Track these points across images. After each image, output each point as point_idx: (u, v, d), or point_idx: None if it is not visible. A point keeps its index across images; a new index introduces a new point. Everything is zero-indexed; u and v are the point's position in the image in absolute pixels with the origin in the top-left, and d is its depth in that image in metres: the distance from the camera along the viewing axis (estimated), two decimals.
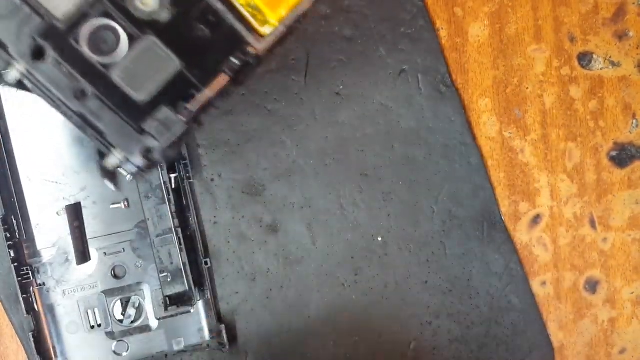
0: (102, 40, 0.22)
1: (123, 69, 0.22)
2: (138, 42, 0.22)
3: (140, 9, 0.22)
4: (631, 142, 0.38)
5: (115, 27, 0.22)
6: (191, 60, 0.22)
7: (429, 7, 0.36)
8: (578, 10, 0.37)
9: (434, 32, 0.36)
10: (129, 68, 0.22)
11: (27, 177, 0.33)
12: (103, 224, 0.33)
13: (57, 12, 0.21)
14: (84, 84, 0.22)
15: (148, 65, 0.22)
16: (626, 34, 0.37)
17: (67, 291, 0.33)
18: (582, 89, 0.37)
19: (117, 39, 0.22)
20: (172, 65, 0.22)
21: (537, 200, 0.37)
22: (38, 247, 0.33)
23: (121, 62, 0.22)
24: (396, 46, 0.36)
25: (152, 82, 0.22)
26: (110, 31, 0.22)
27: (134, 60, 0.22)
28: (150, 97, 0.22)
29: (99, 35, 0.22)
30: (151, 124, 0.22)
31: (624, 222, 0.38)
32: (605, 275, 0.38)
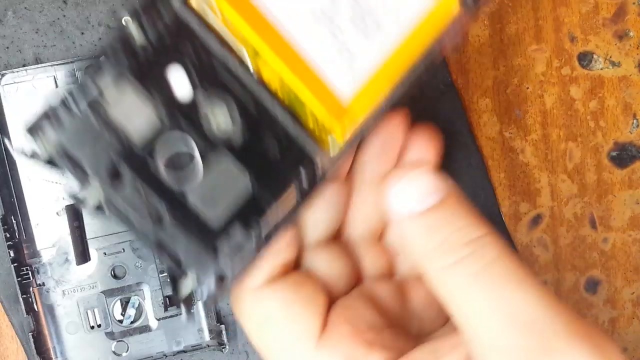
0: (178, 161, 0.21)
1: (198, 190, 0.21)
2: (212, 163, 0.22)
3: (215, 130, 0.22)
4: (631, 142, 0.38)
5: (191, 148, 0.21)
6: (262, 178, 0.22)
7: None
8: (578, 10, 0.37)
9: None
10: (203, 189, 0.21)
11: (27, 177, 0.33)
12: (103, 224, 0.33)
13: (135, 134, 0.21)
14: (160, 207, 0.21)
15: (222, 185, 0.22)
16: (626, 34, 0.37)
17: (67, 291, 0.33)
18: (582, 89, 0.37)
19: (192, 160, 0.21)
20: (245, 185, 0.22)
21: (537, 200, 0.37)
22: (38, 247, 0.33)
23: (196, 183, 0.21)
24: None
25: (226, 202, 0.22)
26: (186, 152, 0.21)
27: (208, 181, 0.21)
28: (225, 218, 0.22)
29: (175, 156, 0.21)
30: (225, 246, 0.22)
31: (625, 222, 0.38)
32: (605, 276, 0.38)
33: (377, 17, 0.23)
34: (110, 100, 0.21)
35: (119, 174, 0.21)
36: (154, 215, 0.21)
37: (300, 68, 0.22)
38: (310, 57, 0.22)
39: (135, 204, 0.21)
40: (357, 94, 0.23)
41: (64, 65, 0.33)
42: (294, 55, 0.22)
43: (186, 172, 0.21)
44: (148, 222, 0.21)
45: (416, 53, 0.23)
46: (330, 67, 0.22)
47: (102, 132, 0.21)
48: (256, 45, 0.22)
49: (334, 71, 0.22)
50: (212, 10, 0.21)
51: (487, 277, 0.21)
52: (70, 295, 0.33)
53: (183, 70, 0.21)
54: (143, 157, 0.21)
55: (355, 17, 0.22)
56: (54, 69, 0.33)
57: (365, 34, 0.23)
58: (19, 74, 0.32)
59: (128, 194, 0.21)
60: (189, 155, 0.21)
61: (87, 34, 0.34)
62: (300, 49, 0.22)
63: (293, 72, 0.22)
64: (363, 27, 0.23)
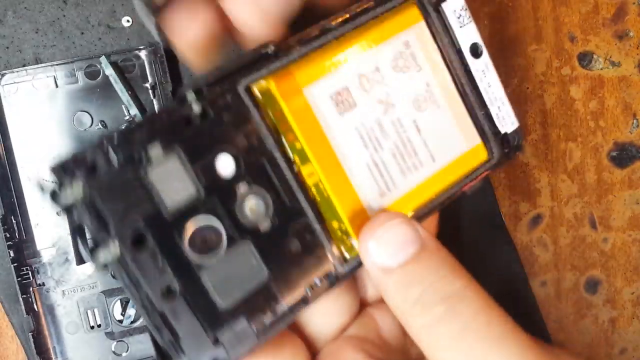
0: (204, 239, 0.21)
1: (215, 273, 0.21)
2: (236, 248, 0.21)
3: (246, 214, 0.22)
4: (631, 142, 0.38)
5: (219, 228, 0.21)
6: (278, 272, 0.22)
7: None
8: (578, 10, 0.37)
9: None
10: (220, 272, 0.21)
11: (27, 177, 0.33)
12: None
13: (169, 201, 0.20)
14: (173, 281, 0.20)
15: (239, 272, 0.21)
16: (626, 34, 0.37)
17: (67, 291, 0.33)
18: (582, 89, 0.37)
19: (217, 241, 0.21)
20: (261, 276, 0.22)
21: (537, 200, 0.37)
22: (38, 247, 0.33)
23: (215, 265, 0.21)
24: None
25: (239, 290, 0.21)
26: (213, 231, 0.21)
27: (227, 265, 0.21)
28: (233, 305, 0.21)
29: (202, 234, 0.21)
30: (226, 334, 0.21)
31: (625, 222, 0.38)
32: (605, 276, 0.38)
33: (417, 159, 0.25)
34: (154, 163, 0.20)
35: (142, 239, 0.20)
36: (165, 287, 0.20)
37: (339, 178, 0.23)
38: (349, 171, 0.23)
39: (149, 272, 0.20)
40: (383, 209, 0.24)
41: (64, 65, 0.33)
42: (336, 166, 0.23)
43: (208, 250, 0.21)
44: (157, 292, 0.20)
45: (441, 188, 0.25)
46: (366, 185, 0.24)
47: (136, 193, 0.20)
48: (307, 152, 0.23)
49: (367, 188, 0.24)
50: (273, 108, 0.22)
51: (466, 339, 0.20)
52: (70, 295, 0.33)
53: (231, 155, 0.21)
54: (170, 228, 0.20)
55: (397, 153, 0.24)
56: (54, 69, 0.33)
57: (402, 169, 0.24)
58: (19, 74, 0.32)
59: (145, 261, 0.20)
60: (215, 236, 0.21)
61: (87, 34, 0.34)
62: (343, 161, 0.23)
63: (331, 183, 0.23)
64: (402, 163, 0.24)
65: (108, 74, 0.33)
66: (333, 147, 0.23)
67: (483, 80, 0.26)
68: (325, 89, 0.23)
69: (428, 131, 0.25)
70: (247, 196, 0.22)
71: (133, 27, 0.34)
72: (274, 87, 0.22)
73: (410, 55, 0.25)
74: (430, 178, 0.25)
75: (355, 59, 0.24)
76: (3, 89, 0.32)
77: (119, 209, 0.20)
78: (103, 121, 0.33)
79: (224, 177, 0.21)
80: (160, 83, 0.33)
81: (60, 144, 0.33)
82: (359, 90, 0.24)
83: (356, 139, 0.24)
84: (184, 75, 0.34)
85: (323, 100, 0.23)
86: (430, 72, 0.25)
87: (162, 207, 0.20)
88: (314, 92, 0.23)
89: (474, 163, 0.26)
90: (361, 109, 0.24)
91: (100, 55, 0.33)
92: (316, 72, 0.23)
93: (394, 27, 0.25)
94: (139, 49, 0.33)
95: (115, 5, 0.34)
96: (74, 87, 0.33)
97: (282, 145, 0.22)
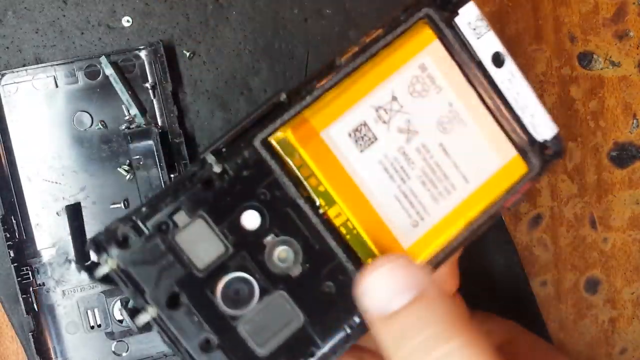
0: (236, 292, 0.22)
1: (250, 322, 0.22)
2: (268, 296, 0.22)
3: (276, 264, 0.22)
4: (631, 142, 0.38)
5: (250, 280, 0.22)
6: (314, 315, 0.22)
7: None
8: (578, 10, 0.37)
9: None
10: (255, 322, 0.22)
11: (27, 177, 0.33)
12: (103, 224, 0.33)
13: (199, 262, 0.21)
14: (211, 335, 0.21)
15: (274, 319, 0.22)
16: (626, 34, 0.37)
17: (67, 291, 0.33)
18: (582, 89, 0.37)
19: (250, 293, 0.22)
20: (297, 321, 0.22)
21: (537, 200, 0.37)
22: (38, 247, 0.33)
23: (249, 315, 0.22)
24: None
25: (276, 337, 0.22)
26: (244, 284, 0.22)
27: (261, 314, 0.22)
28: (272, 353, 0.22)
29: (234, 287, 0.22)
30: None
31: (625, 222, 0.38)
32: (605, 276, 0.38)
33: (448, 183, 0.24)
34: (181, 229, 0.21)
35: (177, 300, 0.21)
36: (203, 341, 0.21)
37: (367, 214, 0.23)
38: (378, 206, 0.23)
39: (186, 329, 0.21)
40: (418, 240, 0.24)
41: (64, 65, 0.33)
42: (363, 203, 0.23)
43: (241, 302, 0.22)
44: (196, 347, 0.21)
45: (479, 209, 0.24)
46: (396, 217, 0.23)
47: (167, 258, 0.21)
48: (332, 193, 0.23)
49: (398, 220, 0.23)
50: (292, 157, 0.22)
51: None
52: (70, 295, 0.33)
53: (255, 209, 0.22)
54: (202, 285, 0.21)
55: (427, 180, 0.24)
56: (54, 69, 0.33)
57: (433, 196, 0.24)
58: (19, 74, 0.32)
59: (181, 319, 0.21)
60: (247, 288, 0.22)
61: (87, 34, 0.34)
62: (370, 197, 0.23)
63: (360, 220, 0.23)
64: (433, 190, 0.24)
65: (108, 74, 0.33)
66: (358, 184, 0.23)
67: (510, 90, 0.25)
68: (342, 129, 0.23)
69: (457, 152, 0.24)
70: (275, 246, 0.22)
71: (133, 27, 0.34)
72: (291, 136, 0.22)
73: (428, 78, 0.24)
74: (466, 200, 0.24)
75: (370, 92, 0.23)
76: (3, 89, 0.32)
77: (151, 275, 0.21)
78: (103, 121, 0.33)
79: (251, 230, 0.22)
80: (160, 83, 0.33)
81: (60, 144, 0.33)
82: (377, 123, 0.23)
83: (381, 173, 0.23)
84: (184, 76, 0.34)
85: (342, 139, 0.23)
86: (451, 91, 0.24)
87: (193, 267, 0.21)
88: (332, 133, 0.23)
89: (514, 177, 0.25)
90: (382, 141, 0.23)
91: (100, 55, 0.33)
92: (332, 114, 0.23)
93: (407, 53, 0.24)
94: (139, 49, 0.33)
95: (115, 5, 0.34)
96: (74, 87, 0.33)
97: (305, 191, 0.22)
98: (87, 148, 0.33)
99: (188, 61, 0.34)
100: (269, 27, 0.35)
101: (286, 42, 0.35)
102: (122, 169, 0.33)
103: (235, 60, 0.34)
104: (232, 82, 0.35)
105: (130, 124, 0.33)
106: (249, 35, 0.35)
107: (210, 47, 0.34)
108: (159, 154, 0.32)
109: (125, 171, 0.33)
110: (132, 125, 0.33)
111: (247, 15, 0.34)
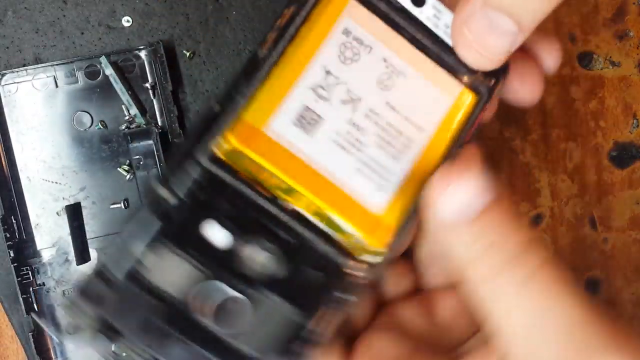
0: (227, 312, 0.21)
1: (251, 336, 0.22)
2: (262, 305, 0.22)
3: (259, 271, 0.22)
4: (631, 142, 0.38)
5: (238, 297, 0.22)
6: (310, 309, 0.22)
7: None
8: (578, 10, 0.37)
9: None
10: (256, 333, 0.22)
11: (27, 177, 0.33)
12: (103, 224, 0.33)
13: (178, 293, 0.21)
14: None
15: (272, 324, 0.22)
16: (626, 34, 0.37)
17: (67, 291, 0.33)
18: (582, 89, 0.37)
19: (242, 308, 0.22)
20: (294, 318, 0.22)
21: (537, 200, 0.37)
22: (38, 247, 0.33)
23: (248, 329, 0.22)
24: None
25: (278, 341, 0.22)
26: (234, 302, 0.21)
27: (259, 324, 0.22)
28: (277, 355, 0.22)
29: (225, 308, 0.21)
30: None
31: (625, 222, 0.38)
32: (605, 276, 0.38)
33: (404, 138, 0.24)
34: (149, 266, 0.21)
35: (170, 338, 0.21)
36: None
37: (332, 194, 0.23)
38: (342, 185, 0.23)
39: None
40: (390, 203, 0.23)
41: (64, 65, 0.33)
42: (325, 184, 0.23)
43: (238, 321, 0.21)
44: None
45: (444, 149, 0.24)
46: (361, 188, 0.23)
47: (144, 299, 0.21)
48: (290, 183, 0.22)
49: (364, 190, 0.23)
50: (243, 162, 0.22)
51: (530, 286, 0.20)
52: (70, 295, 0.33)
53: (217, 223, 0.22)
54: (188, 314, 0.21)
55: (382, 142, 0.23)
56: (54, 69, 0.33)
57: (393, 155, 0.23)
58: (19, 74, 0.32)
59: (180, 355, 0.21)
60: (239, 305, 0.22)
61: (87, 34, 0.34)
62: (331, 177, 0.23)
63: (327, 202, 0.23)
64: (391, 149, 0.23)
65: (108, 74, 0.33)
66: (315, 168, 0.23)
67: (439, 25, 0.24)
68: (284, 119, 0.22)
69: (405, 105, 0.24)
70: (252, 255, 0.22)
71: (133, 27, 0.34)
72: (234, 142, 0.22)
73: (355, 40, 0.23)
74: (426, 148, 0.24)
75: (302, 74, 0.23)
76: (3, 89, 0.32)
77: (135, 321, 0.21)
78: (103, 121, 0.33)
79: (223, 247, 0.22)
80: (160, 83, 0.33)
81: (61, 144, 0.33)
82: (318, 103, 0.23)
83: (336, 150, 0.23)
84: (184, 76, 0.34)
85: (287, 129, 0.22)
86: (381, 46, 0.24)
87: (175, 300, 0.21)
88: (275, 126, 0.22)
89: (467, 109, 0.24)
90: (328, 119, 0.23)
91: (100, 55, 0.33)
92: (268, 107, 0.22)
93: (326, 22, 0.23)
94: (139, 49, 0.33)
95: (115, 5, 0.34)
96: (74, 87, 0.33)
97: (267, 191, 0.22)
98: (87, 148, 0.33)
99: (188, 61, 0.34)
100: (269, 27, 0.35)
101: None
102: (122, 169, 0.33)
103: (235, 60, 0.34)
104: None
105: (130, 124, 0.33)
106: (249, 35, 0.35)
107: (210, 47, 0.34)
108: (159, 154, 0.32)
109: (125, 171, 0.33)
110: (132, 125, 0.33)
111: (247, 15, 0.34)
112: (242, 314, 0.22)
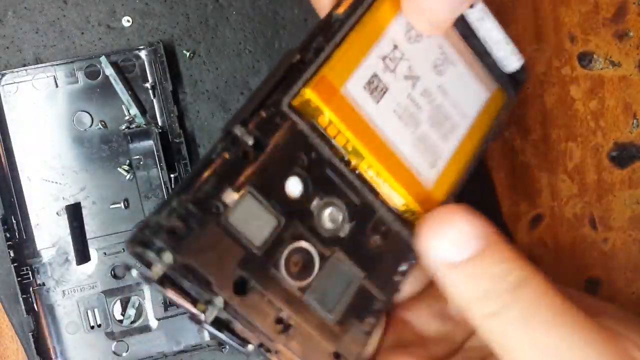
0: (297, 263, 0.21)
1: (316, 291, 0.22)
2: (327, 261, 0.22)
3: (326, 226, 0.22)
4: (632, 142, 0.38)
5: (308, 248, 0.22)
6: (370, 271, 0.23)
7: None
8: (578, 10, 0.37)
9: None
10: (321, 289, 0.22)
11: (27, 177, 0.33)
12: (103, 224, 0.33)
13: (256, 240, 0.20)
14: (283, 312, 0.21)
15: (337, 282, 0.22)
16: (626, 34, 0.37)
17: (67, 291, 0.33)
18: (582, 89, 0.37)
19: (310, 260, 0.22)
20: (357, 279, 0.23)
21: (537, 200, 0.37)
22: (38, 247, 0.33)
23: (314, 283, 0.22)
24: None
25: (342, 300, 0.22)
26: (303, 253, 0.22)
27: (324, 280, 0.22)
28: (341, 316, 0.22)
29: (295, 259, 0.21)
30: (343, 346, 0.22)
31: (625, 222, 0.38)
32: (605, 276, 0.38)
33: (451, 121, 0.25)
34: (231, 208, 0.20)
35: (244, 284, 0.20)
36: (278, 321, 0.21)
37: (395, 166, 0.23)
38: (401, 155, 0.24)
39: (259, 312, 0.20)
40: (438, 180, 0.25)
41: (64, 65, 0.33)
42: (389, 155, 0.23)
43: (304, 272, 0.22)
44: (271, 327, 0.20)
45: (479, 139, 0.26)
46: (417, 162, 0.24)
47: (224, 242, 0.20)
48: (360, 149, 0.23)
49: (420, 165, 0.24)
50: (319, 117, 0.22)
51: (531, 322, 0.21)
52: (70, 295, 0.33)
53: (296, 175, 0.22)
54: (265, 263, 0.21)
55: (435, 122, 0.25)
56: (54, 69, 0.33)
57: (442, 135, 0.25)
58: (19, 74, 0.32)
59: (253, 303, 0.20)
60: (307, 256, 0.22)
61: (87, 34, 0.34)
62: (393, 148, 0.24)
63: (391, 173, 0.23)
64: (442, 130, 0.25)
65: (108, 74, 0.33)
66: (380, 137, 0.23)
67: (482, 28, 0.26)
68: (358, 83, 0.23)
69: (453, 92, 0.25)
70: (322, 209, 0.22)
71: (133, 27, 0.34)
72: (315, 97, 0.22)
73: None
74: (468, 134, 0.26)
75: (375, 43, 0.24)
76: (3, 89, 0.32)
77: (213, 263, 0.19)
78: (103, 121, 0.33)
79: (296, 198, 0.22)
80: (160, 83, 0.33)
81: (60, 144, 0.33)
82: (386, 73, 0.24)
83: (397, 121, 0.24)
84: (184, 76, 0.34)
85: (359, 93, 0.23)
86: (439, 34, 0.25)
87: (252, 247, 0.20)
88: (350, 88, 0.23)
89: (498, 106, 0.27)
90: (393, 90, 0.24)
91: (100, 55, 0.33)
92: (347, 69, 0.23)
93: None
94: (139, 49, 0.33)
95: (115, 5, 0.34)
96: (74, 87, 0.33)
97: (336, 150, 0.22)
98: (87, 148, 0.33)
99: (188, 61, 0.34)
100: (269, 27, 0.35)
101: (286, 42, 0.35)
102: (122, 169, 0.33)
103: (235, 60, 0.34)
104: (232, 82, 0.35)
105: (130, 124, 0.33)
106: (249, 35, 0.35)
107: (210, 47, 0.34)
108: (159, 154, 0.32)
109: (125, 171, 0.33)
110: (132, 125, 0.33)
111: (247, 15, 0.34)
112: (310, 267, 0.22)
